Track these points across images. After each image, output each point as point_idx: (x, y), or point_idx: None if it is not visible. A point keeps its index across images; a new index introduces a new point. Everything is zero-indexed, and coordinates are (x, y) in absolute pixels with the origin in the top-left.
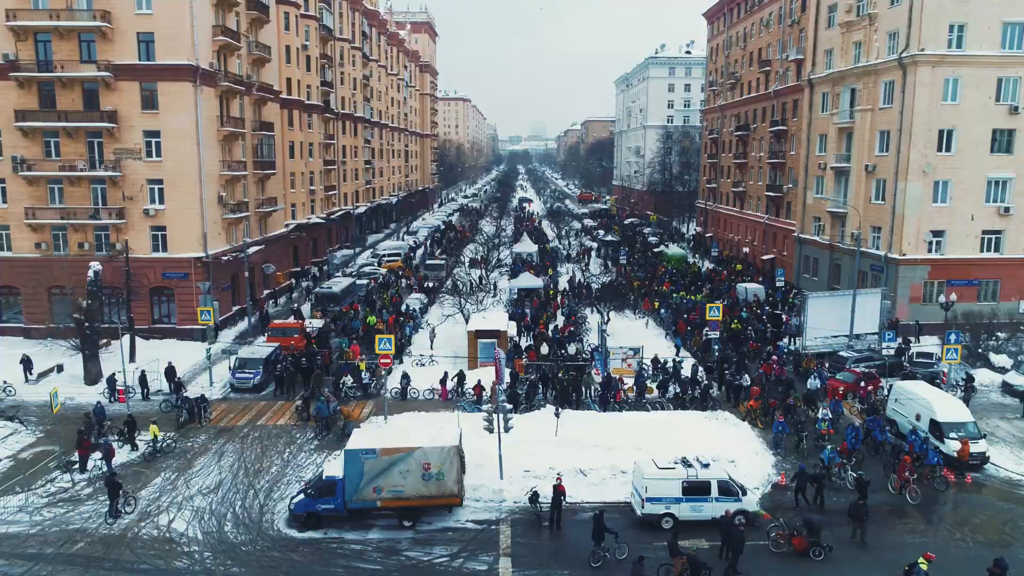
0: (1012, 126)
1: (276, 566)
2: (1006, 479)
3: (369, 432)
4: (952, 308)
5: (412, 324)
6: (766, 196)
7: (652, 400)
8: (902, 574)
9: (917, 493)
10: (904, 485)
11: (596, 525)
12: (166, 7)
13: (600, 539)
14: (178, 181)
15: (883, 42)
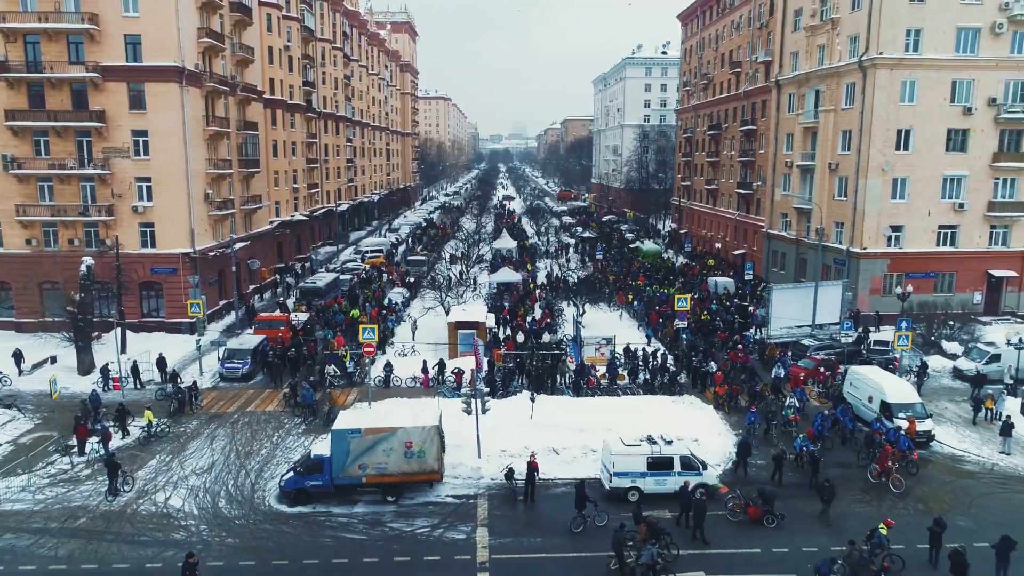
0: (966, 126)
1: (268, 537)
2: (949, 455)
3: (355, 414)
4: (909, 299)
5: (394, 317)
6: (737, 193)
7: (623, 386)
8: (865, 538)
9: (901, 482)
10: (886, 473)
11: (578, 494)
12: (152, 10)
13: (582, 507)
14: (165, 179)
15: (845, 45)
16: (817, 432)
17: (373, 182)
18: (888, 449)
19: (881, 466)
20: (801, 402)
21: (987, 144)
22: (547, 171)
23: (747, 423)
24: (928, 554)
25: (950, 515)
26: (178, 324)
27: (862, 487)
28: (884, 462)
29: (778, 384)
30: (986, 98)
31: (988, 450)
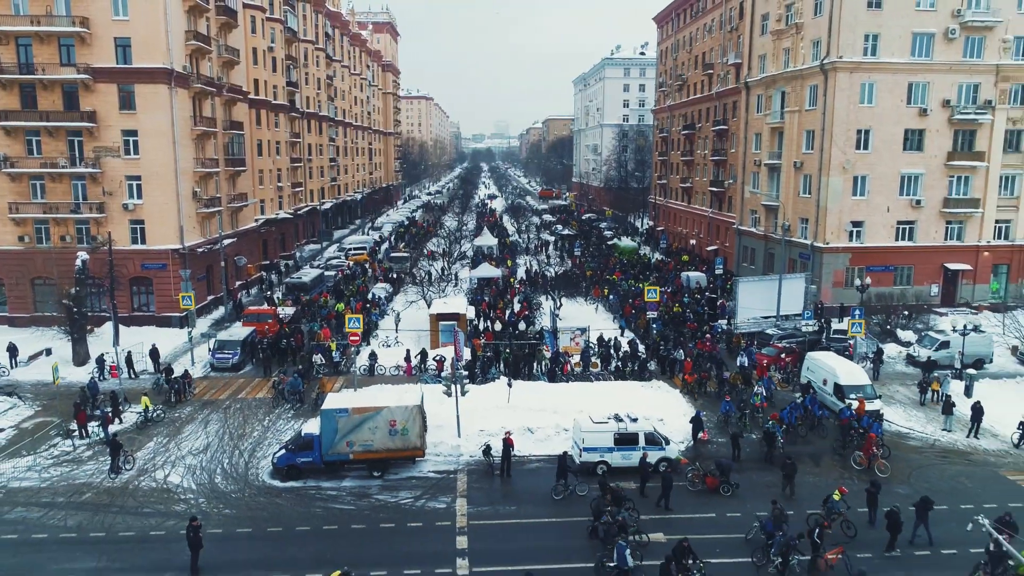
0: (922, 126)
1: (263, 508)
2: (896, 432)
3: (342, 396)
4: (867, 291)
5: (378, 311)
6: (710, 191)
7: (595, 373)
8: (821, 504)
9: (887, 466)
10: (872, 460)
11: (560, 465)
12: (142, 14)
13: (563, 477)
14: (155, 177)
15: (808, 49)
16: (785, 419)
17: (356, 181)
18: (872, 436)
19: (866, 453)
20: (768, 390)
21: (942, 144)
22: (529, 170)
23: (722, 412)
24: (868, 514)
25: (892, 484)
26: (168, 318)
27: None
28: (868, 449)
29: (747, 373)
30: (940, 100)
31: (932, 428)
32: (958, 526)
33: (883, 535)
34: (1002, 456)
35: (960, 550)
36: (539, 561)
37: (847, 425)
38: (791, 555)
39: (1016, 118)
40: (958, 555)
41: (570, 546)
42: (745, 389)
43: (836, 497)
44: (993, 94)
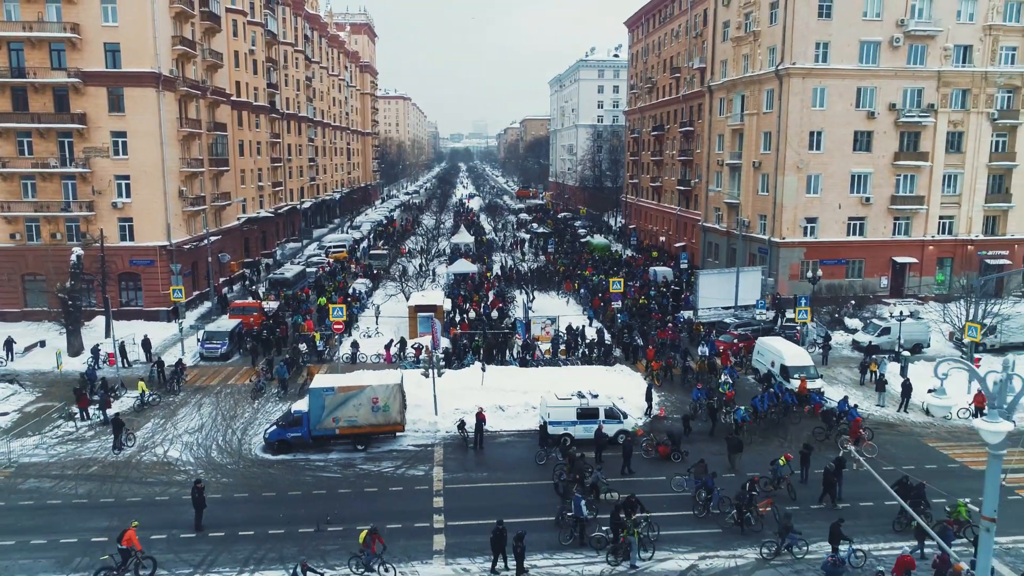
0: (870, 128)
1: (257, 477)
2: (835, 408)
3: (328, 376)
4: (819, 282)
5: (358, 305)
6: (678, 190)
7: (564, 359)
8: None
9: (873, 447)
10: (858, 442)
11: (541, 434)
12: (130, 20)
13: (544, 444)
14: (143, 177)
15: (765, 56)
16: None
17: (335, 181)
18: (858, 420)
19: (853, 436)
20: (733, 379)
21: (889, 145)
22: (507, 170)
23: (694, 399)
24: (801, 473)
25: (826, 451)
26: (155, 312)
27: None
28: (856, 432)
29: (713, 362)
30: (887, 104)
31: (867, 403)
32: (875, 484)
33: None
34: (926, 427)
35: (876, 503)
36: (507, 516)
37: (829, 411)
38: (745, 509)
39: (957, 121)
40: (874, 507)
41: (535, 503)
42: (711, 376)
43: (781, 463)
44: (935, 98)
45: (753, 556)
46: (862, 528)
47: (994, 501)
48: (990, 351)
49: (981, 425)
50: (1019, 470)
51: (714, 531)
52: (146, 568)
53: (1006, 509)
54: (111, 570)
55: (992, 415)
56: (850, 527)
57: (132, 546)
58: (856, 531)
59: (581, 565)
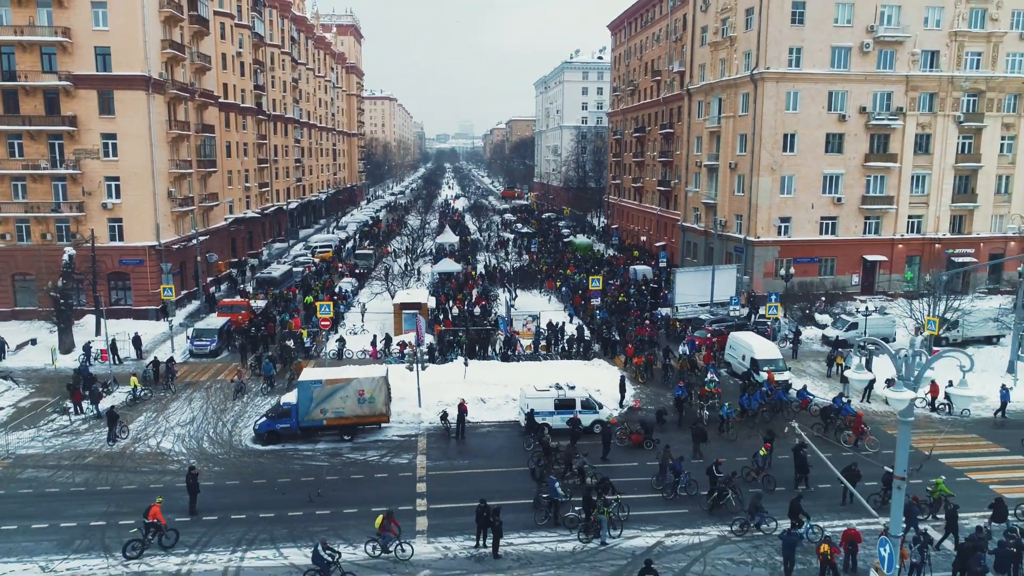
0: (841, 131)
1: (247, 466)
2: (832, 406)
3: (316, 370)
4: (792, 280)
5: (345, 304)
6: (658, 190)
7: (544, 354)
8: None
9: (875, 441)
10: (861, 437)
11: (529, 422)
12: (120, 24)
13: (532, 431)
14: (132, 178)
15: (741, 60)
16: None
17: (321, 181)
18: (860, 415)
19: (855, 431)
20: (719, 376)
21: (859, 146)
22: (492, 170)
23: (676, 395)
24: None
25: (789, 439)
26: (145, 311)
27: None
28: (858, 427)
29: (693, 360)
30: (858, 107)
31: (832, 395)
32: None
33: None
34: (886, 416)
35: (834, 485)
36: (487, 499)
37: (827, 408)
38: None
39: (925, 123)
40: (832, 488)
41: (513, 487)
42: (693, 374)
43: (762, 453)
44: (904, 102)
45: (716, 533)
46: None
47: (904, 463)
48: (952, 345)
49: (890, 394)
50: (967, 454)
51: (681, 511)
52: (169, 539)
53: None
54: (139, 541)
55: (898, 385)
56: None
57: (157, 520)
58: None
59: (555, 543)
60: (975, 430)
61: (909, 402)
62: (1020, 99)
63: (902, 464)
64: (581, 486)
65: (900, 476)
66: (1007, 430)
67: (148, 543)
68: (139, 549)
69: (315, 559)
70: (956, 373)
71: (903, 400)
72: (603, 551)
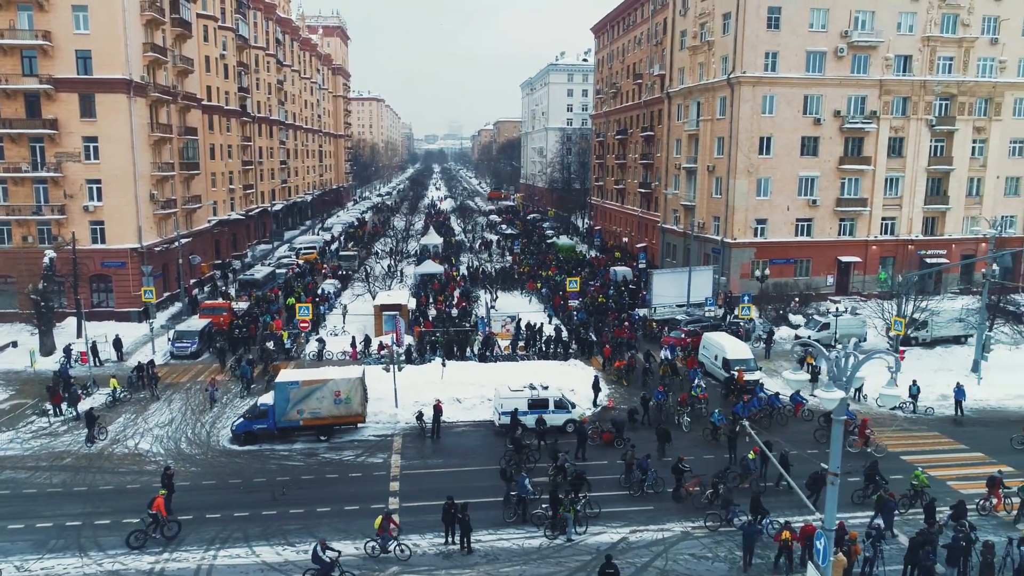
0: (816, 134)
1: (224, 466)
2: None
3: (293, 371)
4: (767, 280)
5: (327, 305)
6: (639, 192)
7: (522, 354)
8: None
9: (883, 446)
10: (867, 442)
11: (512, 420)
12: (102, 28)
13: (515, 430)
14: (114, 181)
15: (718, 64)
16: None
17: (306, 183)
18: (866, 420)
19: (861, 435)
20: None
21: (834, 150)
22: (480, 171)
23: (656, 399)
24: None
25: (762, 435)
26: (127, 313)
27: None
28: (863, 432)
29: (674, 365)
30: (832, 111)
31: (803, 394)
32: (801, 465)
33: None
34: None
35: (798, 483)
36: (458, 497)
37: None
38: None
39: (898, 127)
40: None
41: (485, 486)
42: (675, 379)
43: (751, 456)
44: (878, 105)
45: (680, 529)
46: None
47: (837, 460)
48: (922, 345)
49: (821, 394)
50: (927, 451)
51: (647, 508)
52: (171, 530)
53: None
54: (142, 532)
55: (828, 386)
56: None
57: (159, 511)
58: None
59: (522, 539)
60: (937, 428)
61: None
62: (991, 103)
63: (835, 461)
64: (552, 483)
65: (833, 472)
66: (966, 428)
67: (150, 534)
68: (143, 540)
69: (314, 559)
70: (918, 373)
71: (833, 400)
72: (568, 547)
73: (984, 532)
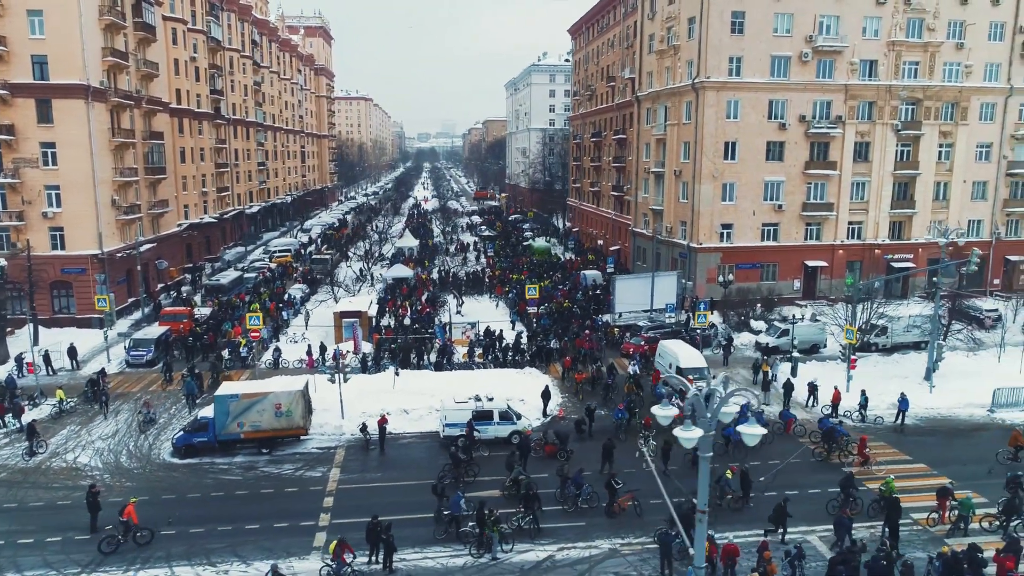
0: (782, 139)
1: (160, 481)
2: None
3: (235, 383)
4: (733, 285)
5: (292, 310)
6: (612, 195)
7: (478, 362)
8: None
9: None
10: (865, 461)
11: (469, 428)
12: (57, 33)
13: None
14: (73, 187)
15: (684, 69)
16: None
17: (287, 184)
18: (863, 439)
19: (861, 454)
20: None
21: (800, 154)
22: (469, 170)
23: (615, 419)
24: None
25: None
26: (88, 319)
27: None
28: (863, 450)
29: (638, 380)
30: (797, 115)
31: (755, 402)
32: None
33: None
34: (804, 423)
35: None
36: (393, 513)
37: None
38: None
39: (864, 131)
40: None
41: (421, 500)
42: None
43: (728, 475)
44: (843, 110)
45: (608, 547)
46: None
47: (705, 496)
48: (882, 351)
49: (679, 433)
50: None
51: (579, 524)
52: (144, 537)
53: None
54: (114, 539)
55: (687, 425)
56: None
57: (130, 519)
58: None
59: (447, 558)
60: (884, 438)
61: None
62: (957, 107)
63: (703, 498)
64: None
65: (701, 510)
66: (912, 438)
67: (122, 540)
68: (114, 545)
69: None
70: (871, 381)
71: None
72: (492, 566)
73: (914, 548)
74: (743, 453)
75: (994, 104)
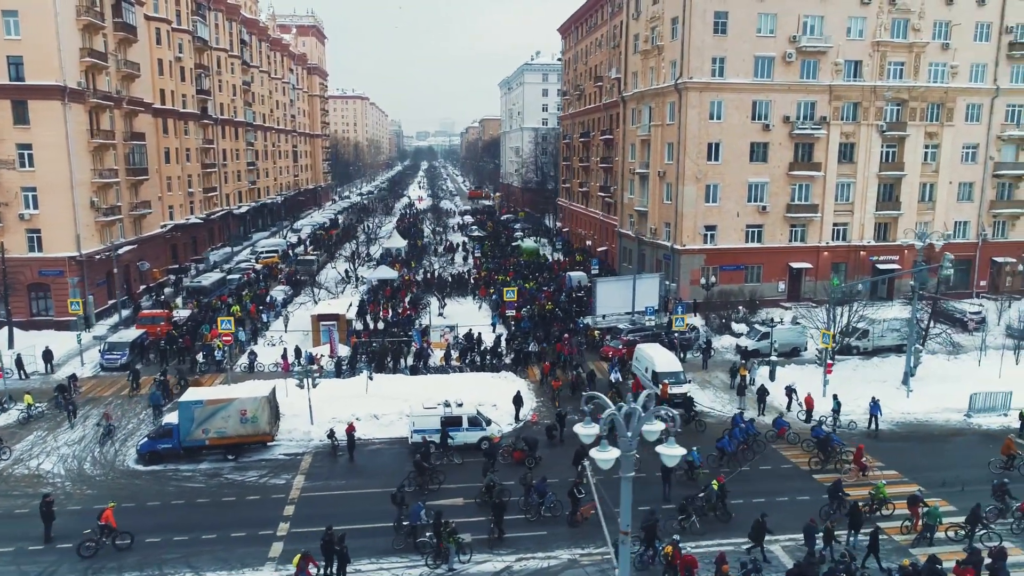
0: (766, 140)
1: (122, 488)
2: (701, 411)
3: (201, 389)
4: (716, 287)
5: (273, 312)
6: (600, 196)
7: (455, 366)
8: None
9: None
10: (864, 470)
11: (442, 437)
12: (33, 33)
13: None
14: (50, 188)
15: (668, 69)
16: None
17: (278, 184)
18: (860, 448)
19: (858, 464)
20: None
21: (784, 155)
22: (465, 169)
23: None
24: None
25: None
26: (66, 322)
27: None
28: (859, 459)
29: (619, 388)
30: (781, 116)
31: (731, 407)
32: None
33: None
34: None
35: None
36: (353, 522)
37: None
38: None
39: (848, 132)
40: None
41: (382, 509)
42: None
43: (715, 486)
44: (828, 111)
45: (567, 557)
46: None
47: (627, 518)
48: (863, 354)
49: (596, 455)
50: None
51: (540, 533)
52: (124, 540)
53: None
54: (92, 542)
55: (603, 445)
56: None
57: (108, 523)
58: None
59: (403, 569)
60: (858, 443)
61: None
62: (943, 108)
63: (626, 519)
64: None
65: (624, 531)
66: (886, 443)
67: (102, 544)
68: (93, 550)
69: None
70: (849, 386)
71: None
72: None
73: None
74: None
75: (980, 105)
